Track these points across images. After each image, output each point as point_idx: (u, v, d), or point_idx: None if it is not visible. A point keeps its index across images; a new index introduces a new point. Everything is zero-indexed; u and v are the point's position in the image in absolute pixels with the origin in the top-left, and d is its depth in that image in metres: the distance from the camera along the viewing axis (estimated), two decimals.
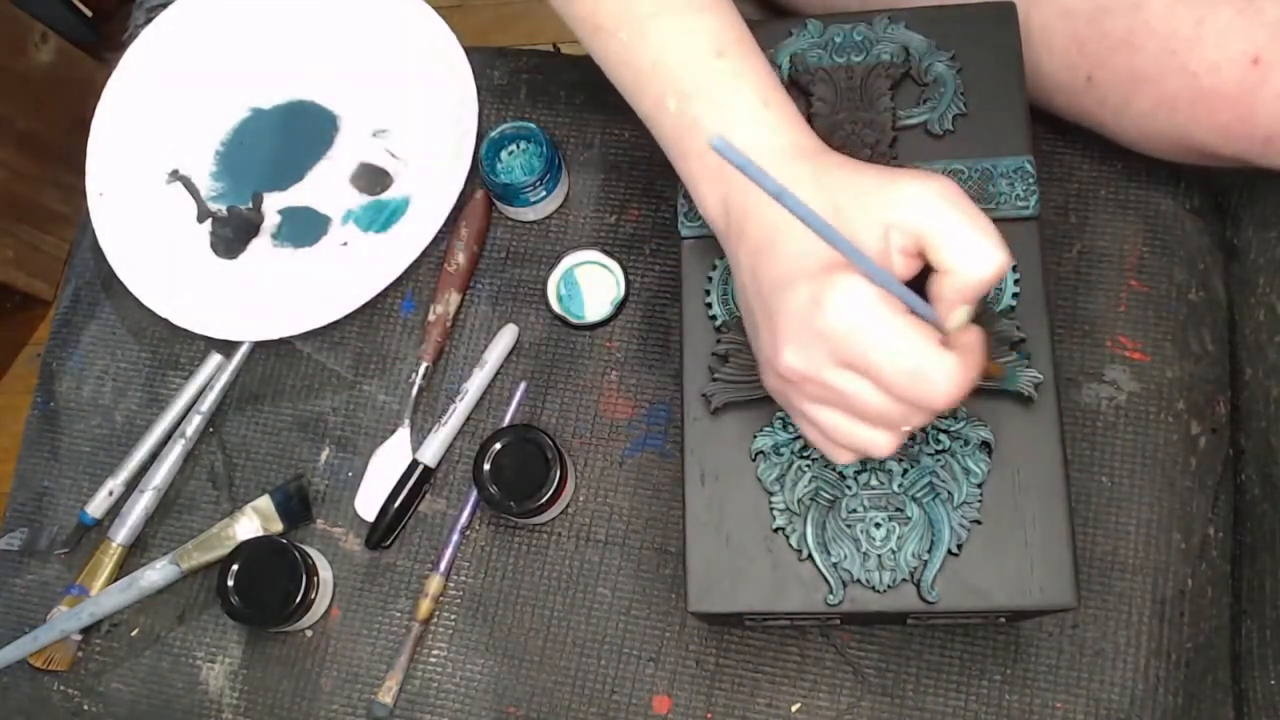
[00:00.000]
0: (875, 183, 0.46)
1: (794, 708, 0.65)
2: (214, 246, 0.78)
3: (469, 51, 0.77)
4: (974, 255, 0.43)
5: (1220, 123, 0.60)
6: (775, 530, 0.55)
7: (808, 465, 0.56)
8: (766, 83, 0.50)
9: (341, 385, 0.75)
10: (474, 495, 0.70)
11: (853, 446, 0.47)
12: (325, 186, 0.78)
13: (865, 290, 0.43)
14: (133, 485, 0.74)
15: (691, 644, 0.67)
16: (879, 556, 0.54)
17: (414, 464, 0.71)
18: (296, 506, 0.72)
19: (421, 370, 0.73)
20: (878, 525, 0.54)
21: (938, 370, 0.43)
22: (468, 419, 0.72)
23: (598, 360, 0.73)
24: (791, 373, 0.46)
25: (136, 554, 0.73)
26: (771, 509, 0.56)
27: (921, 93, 0.60)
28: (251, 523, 0.71)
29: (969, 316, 0.45)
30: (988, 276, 0.43)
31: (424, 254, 0.73)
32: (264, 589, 0.66)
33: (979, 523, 0.54)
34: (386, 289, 0.73)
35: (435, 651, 0.69)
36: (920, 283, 0.46)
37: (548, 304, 0.73)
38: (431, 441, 0.71)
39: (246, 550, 0.67)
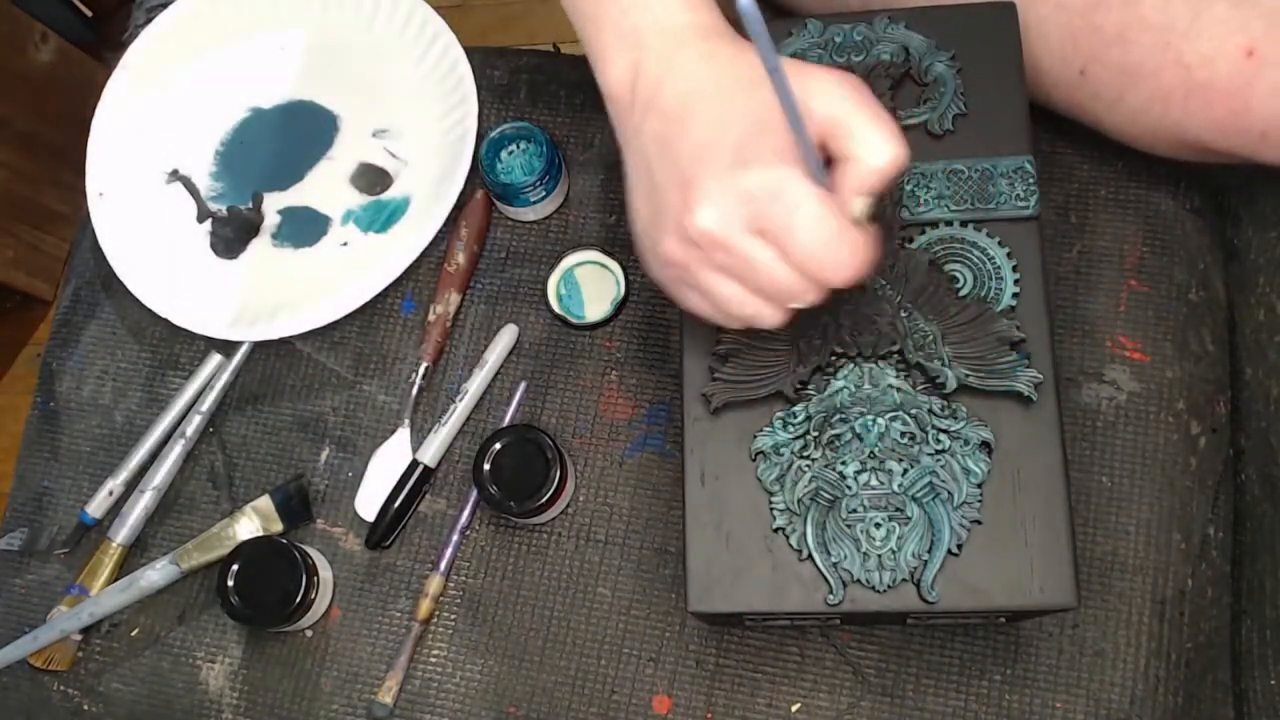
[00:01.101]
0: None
1: (794, 708, 0.65)
2: (214, 246, 0.78)
3: (469, 51, 0.77)
4: (879, 144, 0.45)
5: (1215, 117, 0.60)
6: (775, 530, 0.55)
7: (808, 465, 0.56)
8: None
9: (341, 385, 0.75)
10: (474, 495, 0.70)
11: (743, 318, 0.49)
12: (325, 186, 0.78)
13: (794, 160, 0.44)
14: (133, 485, 0.74)
15: (691, 644, 0.67)
16: (879, 556, 0.54)
17: (414, 464, 0.71)
18: (296, 506, 0.72)
19: (421, 370, 0.73)
20: (878, 525, 0.54)
21: (851, 243, 0.45)
22: (468, 419, 0.72)
23: (598, 360, 0.73)
24: (702, 235, 0.46)
25: (136, 554, 0.73)
26: (771, 509, 0.55)
27: (921, 93, 0.60)
28: (251, 523, 0.71)
29: (868, 209, 0.46)
30: (888, 165, 0.45)
31: (424, 254, 0.73)
32: (264, 589, 0.66)
33: (979, 523, 0.54)
34: (386, 289, 0.73)
35: (435, 651, 0.69)
36: None
37: (548, 304, 0.73)
38: (431, 441, 0.71)
39: (246, 550, 0.67)
